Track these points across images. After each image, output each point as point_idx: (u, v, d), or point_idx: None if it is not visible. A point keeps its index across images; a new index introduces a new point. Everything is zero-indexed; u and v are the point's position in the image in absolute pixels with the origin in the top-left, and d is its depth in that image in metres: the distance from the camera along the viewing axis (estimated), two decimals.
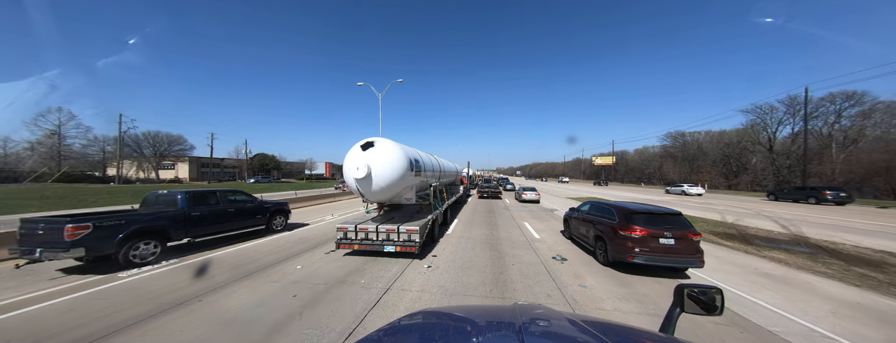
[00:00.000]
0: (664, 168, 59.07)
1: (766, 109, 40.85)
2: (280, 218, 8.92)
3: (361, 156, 5.82)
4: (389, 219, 7.14)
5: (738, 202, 21.62)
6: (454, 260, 6.18)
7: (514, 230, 9.69)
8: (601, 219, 6.59)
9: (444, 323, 1.36)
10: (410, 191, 6.95)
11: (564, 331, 1.22)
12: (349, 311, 3.81)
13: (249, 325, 3.47)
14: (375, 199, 6.38)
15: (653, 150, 73.16)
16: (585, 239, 7.21)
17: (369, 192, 5.94)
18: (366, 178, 5.69)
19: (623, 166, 77.25)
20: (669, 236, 5.23)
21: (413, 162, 6.74)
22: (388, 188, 5.96)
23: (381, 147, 5.98)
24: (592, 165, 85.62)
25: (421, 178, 7.63)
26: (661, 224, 5.46)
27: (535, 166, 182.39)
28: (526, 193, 20.67)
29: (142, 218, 5.60)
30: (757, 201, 22.58)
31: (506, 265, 5.91)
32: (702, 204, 20.06)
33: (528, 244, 7.81)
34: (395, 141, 7.54)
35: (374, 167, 5.73)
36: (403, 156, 6.19)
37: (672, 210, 5.78)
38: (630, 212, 5.85)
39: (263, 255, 6.44)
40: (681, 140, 60.71)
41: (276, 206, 8.80)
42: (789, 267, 6.12)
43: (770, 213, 14.93)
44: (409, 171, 6.30)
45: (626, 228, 5.57)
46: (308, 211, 14.64)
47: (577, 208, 8.36)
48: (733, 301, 4.38)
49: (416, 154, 7.54)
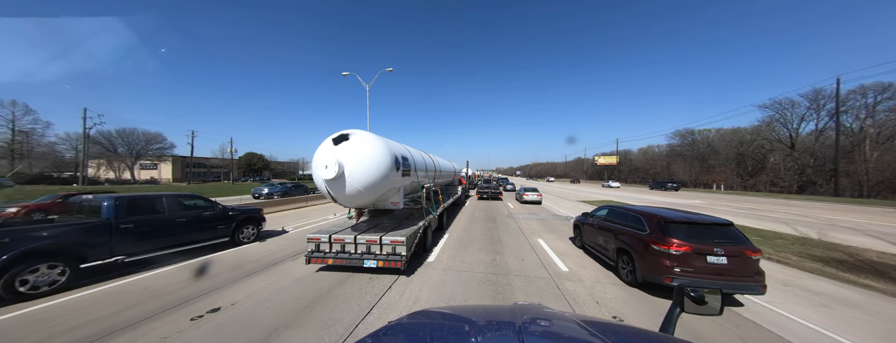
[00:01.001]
0: (673, 168, 58.05)
1: (786, 105, 39.72)
2: (250, 227, 7.86)
3: (332, 151, 4.90)
4: (374, 226, 6.29)
5: (776, 206, 20.23)
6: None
7: (527, 253, 7.13)
8: (625, 228, 5.70)
9: (445, 323, 1.40)
10: (397, 194, 5.99)
11: (564, 331, 1.27)
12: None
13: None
14: (352, 205, 5.46)
15: (657, 150, 72.83)
16: (603, 250, 6.38)
17: (343, 196, 4.99)
18: (337, 178, 4.75)
19: (627, 166, 76.86)
20: (721, 253, 4.28)
21: (399, 159, 5.79)
22: (367, 191, 5.00)
23: (358, 141, 5.04)
24: (595, 165, 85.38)
25: (411, 179, 6.69)
26: (706, 237, 4.53)
27: (535, 166, 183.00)
28: (527, 194, 20.29)
29: (36, 234, 4.37)
30: (788, 203, 21.57)
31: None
32: (748, 210, 17.44)
33: (553, 283, 5.22)
34: (381, 135, 6.62)
35: (349, 165, 4.79)
36: (386, 152, 5.24)
37: (720, 219, 4.83)
38: (664, 221, 4.92)
39: (211, 276, 5.39)
40: (690, 138, 60.05)
41: (244, 214, 7.70)
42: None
43: (845, 222, 12.77)
44: (393, 171, 5.36)
45: (662, 242, 4.65)
46: (292, 214, 13.61)
47: (591, 213, 7.55)
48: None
49: (403, 151, 6.56)
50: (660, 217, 5.07)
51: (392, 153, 5.41)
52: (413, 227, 6.14)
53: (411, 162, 6.71)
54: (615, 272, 5.83)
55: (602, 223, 6.64)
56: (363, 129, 6.83)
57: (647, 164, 70.38)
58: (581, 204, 19.50)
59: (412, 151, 7.65)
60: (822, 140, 35.30)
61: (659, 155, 69.45)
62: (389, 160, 5.21)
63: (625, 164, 77.07)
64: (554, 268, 6.14)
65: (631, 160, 78.79)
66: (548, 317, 1.39)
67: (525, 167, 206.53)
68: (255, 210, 8.15)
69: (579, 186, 51.04)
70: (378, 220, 7.18)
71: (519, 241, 8.39)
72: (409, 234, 5.48)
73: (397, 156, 5.65)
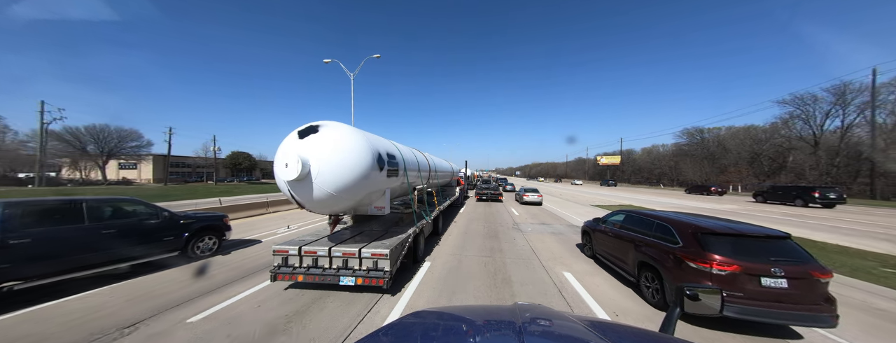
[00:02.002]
0: (681, 168, 57.41)
1: (807, 100, 38.35)
2: (209, 238, 6.88)
3: (296, 146, 4.18)
4: (357, 234, 5.61)
5: (811, 210, 18.80)
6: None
7: (552, 296, 4.89)
8: (649, 238, 5.05)
9: (445, 322, 1.43)
10: (381, 197, 5.29)
11: (564, 330, 1.31)
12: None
13: None
14: (323, 211, 4.70)
15: (662, 150, 72.81)
16: (619, 262, 5.75)
17: (311, 201, 4.27)
18: (302, 179, 4.04)
19: (630, 166, 76.77)
20: (780, 275, 3.59)
21: (384, 157, 5.07)
22: (341, 195, 4.29)
23: (331, 134, 4.33)
24: (597, 165, 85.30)
25: (399, 180, 6.01)
26: (759, 254, 3.84)
27: (534, 166, 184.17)
28: (527, 194, 20.30)
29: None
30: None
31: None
32: (785, 216, 15.58)
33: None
34: (380, 136, 5.96)
35: (317, 164, 4.08)
36: (366, 148, 4.52)
37: (774, 231, 4.14)
38: (702, 231, 4.25)
39: (145, 299, 4.51)
40: (698, 137, 59.63)
41: (202, 221, 6.75)
42: None
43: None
44: (375, 170, 4.64)
45: (700, 258, 3.98)
46: (273, 218, 12.74)
47: (604, 219, 6.98)
48: None
49: (389, 147, 5.82)
50: (695, 226, 4.40)
51: (374, 150, 4.69)
52: (401, 235, 5.45)
53: (400, 160, 6.01)
54: (636, 289, 5.22)
55: (618, 231, 6.04)
56: (354, 125, 6.07)
57: (651, 164, 70.30)
58: (597, 209, 17.56)
59: (402, 149, 6.92)
60: (849, 137, 34.19)
61: (664, 155, 69.35)
62: (370, 158, 4.49)
63: (628, 164, 77.01)
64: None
65: (634, 160, 78.78)
66: (548, 316, 1.44)
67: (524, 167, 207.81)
68: (216, 217, 7.21)
69: (584, 187, 50.11)
70: (362, 226, 6.50)
71: (537, 279, 5.65)
72: (395, 245, 4.80)
73: (381, 153, 4.93)
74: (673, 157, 62.76)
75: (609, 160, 76.11)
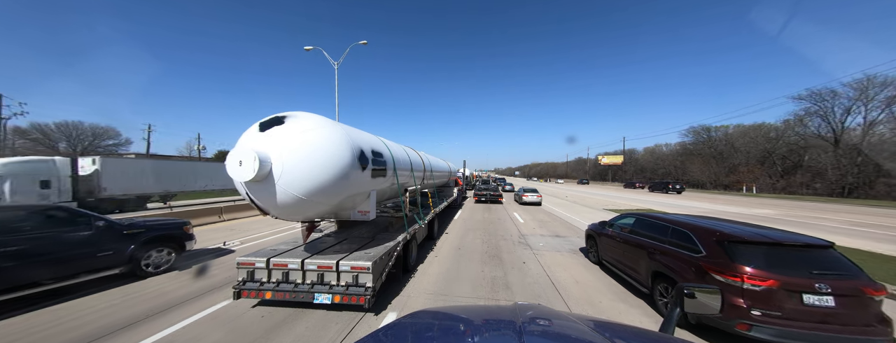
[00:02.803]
0: (688, 167, 56.87)
1: (826, 95, 37.31)
2: (163, 250, 6.01)
3: (255, 141, 3.70)
4: (339, 241, 5.22)
5: (846, 214, 17.04)
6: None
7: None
8: (664, 246, 4.70)
9: (445, 323, 1.47)
10: (366, 200, 4.86)
11: (564, 330, 1.34)
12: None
13: None
14: (293, 217, 4.24)
15: (666, 149, 73.07)
16: (629, 271, 5.44)
17: (275, 206, 3.80)
18: (262, 180, 3.54)
19: (632, 166, 76.95)
20: (826, 291, 3.21)
21: (367, 155, 4.63)
22: (313, 198, 3.84)
23: (299, 126, 3.85)
24: (597, 165, 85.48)
25: (387, 181, 5.58)
26: (798, 266, 3.47)
27: (534, 166, 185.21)
28: (527, 195, 20.57)
29: None
30: (857, 210, 19.12)
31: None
32: (825, 221, 14.14)
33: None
34: (379, 136, 5.60)
35: (281, 161, 3.60)
36: (344, 143, 4.08)
37: (814, 239, 3.78)
38: (729, 239, 3.89)
39: (67, 329, 3.76)
40: (705, 135, 59.36)
41: (154, 230, 5.90)
42: None
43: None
44: (356, 170, 4.20)
45: (728, 270, 3.62)
46: (253, 222, 12.06)
47: (611, 222, 6.69)
48: None
49: (375, 144, 5.38)
50: (720, 233, 4.04)
51: (354, 146, 4.25)
52: (388, 243, 5.03)
53: (387, 159, 5.58)
54: (649, 301, 4.89)
55: (627, 236, 5.74)
56: (341, 121, 5.55)
57: (654, 163, 70.44)
58: (611, 214, 16.04)
59: (391, 146, 6.49)
60: (871, 135, 33.44)
61: (668, 154, 69.54)
62: (349, 155, 4.05)
63: (630, 163, 77.20)
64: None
65: (636, 160, 78.97)
66: (548, 316, 1.47)
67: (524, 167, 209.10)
68: (173, 224, 6.39)
69: (590, 188, 49.55)
70: (346, 232, 6.07)
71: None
72: (380, 256, 4.37)
73: (364, 150, 4.50)
74: (678, 157, 62.68)
75: (611, 160, 76.22)
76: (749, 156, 48.17)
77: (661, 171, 65.77)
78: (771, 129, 48.15)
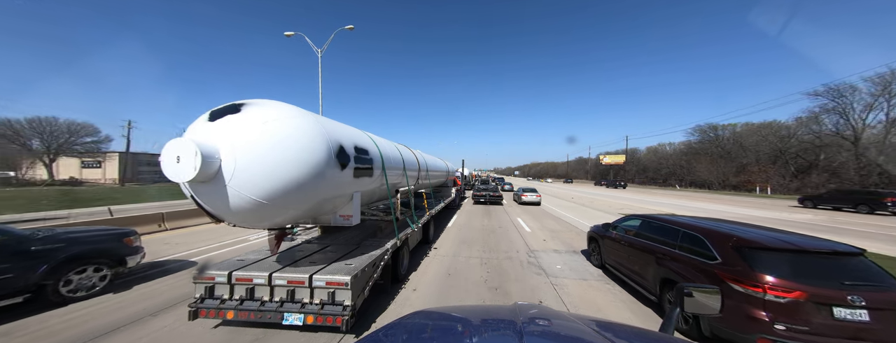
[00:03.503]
0: (694, 167, 56.68)
1: (844, 90, 36.42)
2: (91, 269, 5.04)
3: (200, 132, 3.18)
4: (319, 250, 4.84)
5: (875, 218, 15.96)
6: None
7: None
8: (674, 250, 4.53)
9: (445, 323, 1.50)
10: (348, 203, 4.54)
11: (564, 330, 1.37)
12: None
13: None
14: (254, 225, 3.70)
15: (668, 148, 73.35)
16: (635, 276, 5.29)
17: (229, 212, 3.29)
18: (208, 180, 3.05)
19: (634, 166, 77.20)
20: (859, 304, 2.97)
21: (349, 151, 4.26)
22: (276, 203, 3.31)
23: (259, 115, 3.31)
24: (599, 165, 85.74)
25: (372, 182, 5.24)
26: (827, 275, 3.26)
27: (534, 166, 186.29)
28: (526, 195, 20.98)
29: None
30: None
31: None
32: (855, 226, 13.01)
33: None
34: (378, 136, 5.07)
35: (233, 156, 3.06)
36: (316, 136, 3.65)
37: (843, 246, 3.56)
38: (748, 244, 3.68)
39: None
40: (712, 134, 59.28)
41: (79, 246, 4.95)
42: None
43: None
44: (332, 168, 3.80)
45: (747, 279, 3.41)
46: (208, 231, 10.48)
47: (615, 224, 6.58)
48: None
49: (360, 139, 5.02)
50: (737, 238, 3.84)
51: (331, 140, 3.87)
52: (375, 251, 4.70)
53: (375, 156, 5.26)
54: (658, 310, 4.75)
55: (632, 240, 5.60)
56: (325, 114, 5.10)
57: (657, 163, 70.61)
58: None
59: (380, 142, 6.19)
60: (894, 133, 32.65)
61: (671, 153, 69.74)
62: (323, 150, 3.64)
63: (632, 163, 77.46)
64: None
65: (639, 159, 79.23)
66: (548, 316, 1.51)
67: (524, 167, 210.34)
68: (109, 236, 5.42)
69: (597, 189, 48.95)
70: (328, 239, 5.69)
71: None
72: (363, 267, 4.00)
73: (343, 145, 4.13)
74: (683, 156, 62.65)
75: (612, 159, 76.48)
76: (759, 155, 47.72)
77: (664, 171, 65.94)
78: (782, 127, 47.73)
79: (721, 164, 51.89)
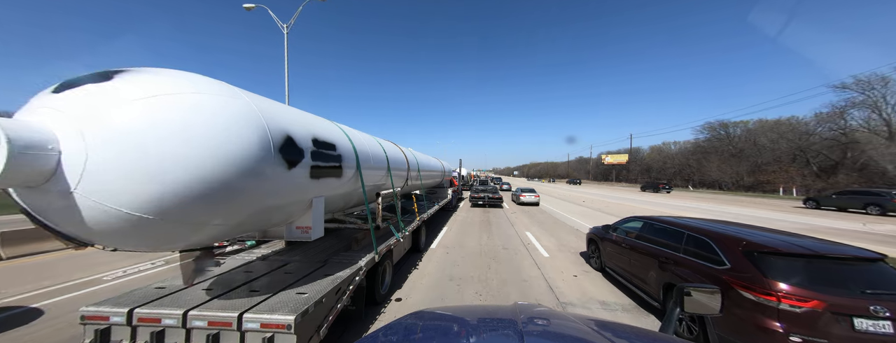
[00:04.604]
0: (704, 166, 56.08)
1: (875, 83, 34.70)
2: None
3: (37, 109, 2.16)
4: (269, 271, 4.13)
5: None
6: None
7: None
8: (678, 254, 4.45)
9: (445, 322, 1.56)
10: (305, 211, 3.85)
11: (564, 330, 1.41)
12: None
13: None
14: (144, 246, 2.67)
15: (674, 147, 73.76)
16: (637, 281, 5.29)
17: (88, 231, 2.28)
18: (37, 184, 2.05)
19: (637, 165, 77.57)
20: (884, 315, 2.76)
21: (299, 144, 3.50)
22: (168, 217, 2.39)
23: (140, 88, 2.32)
24: (600, 165, 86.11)
25: (344, 183, 4.73)
26: (847, 284, 3.10)
27: (534, 166, 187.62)
28: (524, 195, 22.01)
29: None
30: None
31: None
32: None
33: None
34: (376, 136, 4.45)
35: (83, 146, 2.08)
36: (243, 121, 2.77)
37: (863, 251, 3.39)
38: (759, 249, 3.50)
39: None
40: (722, 132, 58.74)
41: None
42: None
43: None
44: (272, 166, 3.00)
45: (759, 286, 3.23)
46: (78, 257, 7.93)
47: (615, 226, 6.63)
48: None
49: (322, 129, 4.32)
50: (748, 242, 3.68)
51: (271, 128, 3.05)
52: (341, 273, 4.02)
53: (343, 152, 4.64)
54: (660, 316, 4.79)
55: (633, 243, 5.58)
56: (288, 101, 4.44)
57: (662, 162, 70.94)
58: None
59: (354, 135, 5.62)
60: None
61: (676, 153, 70.08)
62: (255, 141, 2.79)
63: (635, 163, 77.81)
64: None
65: (642, 159, 79.63)
66: (548, 316, 1.58)
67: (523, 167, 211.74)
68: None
69: (607, 190, 48.38)
70: (289, 254, 4.99)
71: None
72: (317, 299, 3.21)
73: (292, 136, 3.36)
74: (692, 155, 62.46)
75: (615, 159, 76.93)
76: (777, 153, 46.74)
77: (669, 171, 66.19)
78: (800, 123, 46.86)
79: (733, 164, 51.16)
